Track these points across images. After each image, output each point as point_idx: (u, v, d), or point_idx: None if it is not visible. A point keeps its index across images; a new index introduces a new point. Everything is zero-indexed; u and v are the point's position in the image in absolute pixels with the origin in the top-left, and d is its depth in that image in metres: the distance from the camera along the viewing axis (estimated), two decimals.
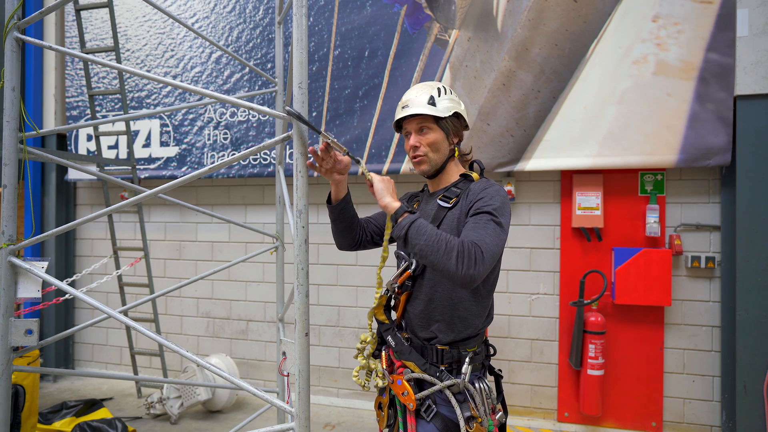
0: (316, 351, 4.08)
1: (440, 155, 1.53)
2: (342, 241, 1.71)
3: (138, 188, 2.64)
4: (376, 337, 1.58)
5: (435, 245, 1.27)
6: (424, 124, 1.50)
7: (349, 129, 3.86)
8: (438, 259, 1.27)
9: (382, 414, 1.58)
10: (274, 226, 3.73)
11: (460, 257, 1.24)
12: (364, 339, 1.56)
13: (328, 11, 3.91)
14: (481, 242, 1.28)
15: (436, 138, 1.50)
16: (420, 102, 1.50)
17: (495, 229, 1.33)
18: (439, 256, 1.26)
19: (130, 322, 1.76)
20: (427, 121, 1.50)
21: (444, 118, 1.50)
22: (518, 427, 3.52)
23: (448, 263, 1.25)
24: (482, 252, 1.26)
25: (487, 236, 1.30)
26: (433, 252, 1.27)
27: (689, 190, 3.37)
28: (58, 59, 4.66)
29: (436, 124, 1.50)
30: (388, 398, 1.56)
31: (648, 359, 3.38)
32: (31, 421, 2.87)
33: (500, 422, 1.49)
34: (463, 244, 1.26)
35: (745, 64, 3.08)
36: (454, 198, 1.48)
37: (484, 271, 1.26)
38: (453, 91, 1.56)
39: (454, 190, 1.50)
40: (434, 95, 1.50)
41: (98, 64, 1.82)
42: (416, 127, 1.52)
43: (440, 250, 1.26)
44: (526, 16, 3.44)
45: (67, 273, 4.65)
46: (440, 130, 1.51)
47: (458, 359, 1.45)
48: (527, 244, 3.66)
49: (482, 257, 1.25)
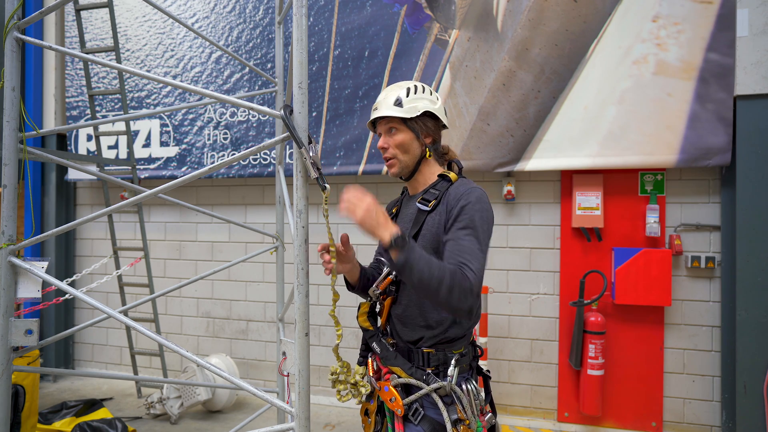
0: (316, 351, 4.08)
1: (410, 156, 1.50)
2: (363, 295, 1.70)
3: (138, 188, 2.64)
4: (347, 364, 1.55)
5: (426, 283, 1.26)
6: (392, 125, 1.50)
7: (349, 129, 3.86)
8: (431, 297, 1.28)
9: (369, 420, 1.57)
10: (274, 226, 3.73)
11: (451, 294, 1.25)
12: (334, 371, 1.53)
13: (328, 11, 3.91)
14: (468, 270, 1.28)
15: (403, 139, 1.48)
16: (387, 104, 1.49)
17: (480, 248, 1.33)
18: (431, 294, 1.27)
19: (130, 322, 1.76)
20: (394, 122, 1.49)
21: (412, 119, 1.48)
22: (518, 427, 3.52)
23: (439, 299, 1.26)
24: (471, 283, 1.26)
25: (474, 259, 1.30)
26: (424, 290, 1.28)
27: (689, 190, 3.37)
28: (58, 59, 4.66)
29: (404, 125, 1.48)
30: (375, 404, 1.55)
31: (648, 359, 3.38)
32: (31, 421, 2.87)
33: (490, 424, 1.48)
34: (453, 279, 1.25)
35: (745, 64, 3.08)
36: (433, 201, 1.46)
37: (475, 301, 1.28)
38: (425, 90, 1.52)
39: (433, 192, 1.48)
40: (401, 96, 1.48)
41: (98, 64, 1.82)
42: (385, 129, 1.51)
43: (432, 288, 1.26)
44: (526, 16, 3.44)
45: (67, 273, 4.65)
46: (409, 131, 1.48)
47: (444, 361, 1.44)
48: (527, 244, 3.66)
49: (470, 288, 1.26)
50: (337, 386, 1.53)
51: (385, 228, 1.30)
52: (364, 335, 1.59)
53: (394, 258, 1.27)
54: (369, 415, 1.58)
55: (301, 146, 1.46)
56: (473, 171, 3.59)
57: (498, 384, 3.67)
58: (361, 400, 1.55)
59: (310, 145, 1.48)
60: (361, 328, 1.59)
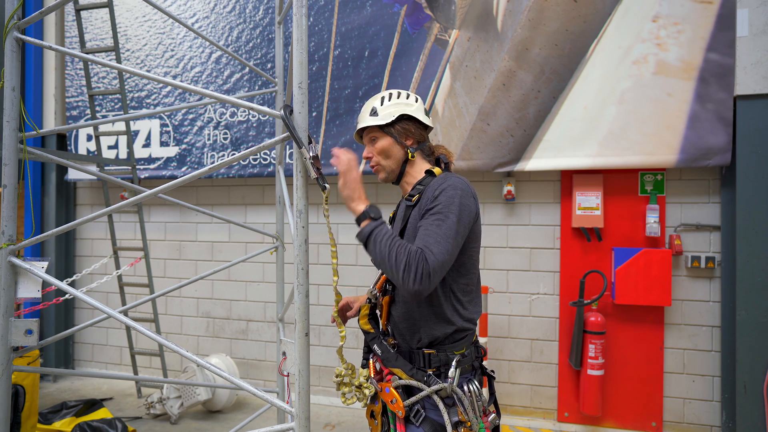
0: (316, 351, 4.08)
1: (393, 161, 1.55)
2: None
3: (138, 188, 2.64)
4: (352, 366, 1.56)
5: (386, 257, 1.31)
6: (372, 134, 1.57)
7: (349, 129, 3.86)
8: (387, 272, 1.33)
9: (376, 422, 1.57)
10: (274, 226, 3.73)
11: (407, 272, 1.28)
12: (338, 373, 1.54)
13: (328, 11, 3.91)
14: (429, 253, 1.29)
15: (383, 145, 1.54)
16: (364, 116, 1.57)
17: (446, 233, 1.33)
18: (388, 269, 1.32)
19: (130, 322, 1.76)
20: (373, 131, 1.56)
21: (388, 125, 1.53)
22: (518, 427, 3.52)
23: (396, 277, 1.30)
24: (429, 265, 1.28)
25: (437, 244, 1.31)
26: (383, 264, 1.34)
27: (689, 190, 3.37)
28: (58, 59, 4.66)
29: (382, 132, 1.54)
30: (380, 406, 1.54)
31: (648, 359, 3.38)
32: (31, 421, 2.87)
33: (493, 424, 1.48)
34: (410, 258, 1.28)
35: (745, 64, 3.08)
36: (416, 195, 1.49)
37: (430, 285, 1.29)
38: (406, 95, 1.57)
39: (418, 188, 1.51)
40: (376, 106, 1.55)
41: (98, 64, 1.82)
42: (367, 140, 1.59)
43: (390, 263, 1.30)
44: (526, 16, 3.44)
45: (67, 273, 4.65)
46: (387, 136, 1.54)
47: (446, 362, 1.44)
48: (527, 244, 3.66)
49: (428, 271, 1.27)
50: (341, 389, 1.54)
51: (360, 201, 1.43)
52: (365, 338, 1.59)
53: (361, 227, 1.38)
54: (375, 416, 1.57)
55: (301, 146, 1.46)
56: (473, 171, 3.59)
57: (498, 384, 3.67)
58: (366, 403, 1.55)
59: (310, 145, 1.48)
60: (363, 330, 1.58)
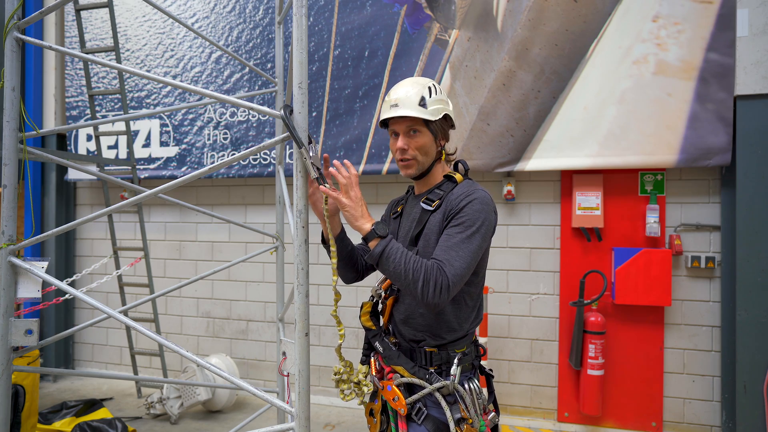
0: (316, 351, 4.07)
1: (428, 158, 1.48)
2: (346, 276, 1.68)
3: (138, 188, 2.64)
4: (350, 363, 1.56)
5: (401, 274, 1.31)
6: (415, 127, 1.44)
7: (349, 129, 3.86)
8: (404, 287, 1.34)
9: (374, 420, 1.57)
10: (274, 226, 3.72)
11: (425, 286, 1.28)
12: (337, 371, 1.55)
13: (328, 11, 3.91)
14: (448, 266, 1.30)
15: (425, 141, 1.45)
16: (411, 103, 1.42)
17: (467, 247, 1.34)
18: (404, 285, 1.33)
19: (130, 322, 1.76)
20: (417, 123, 1.43)
21: (434, 121, 1.44)
22: (518, 427, 3.52)
23: (414, 291, 1.31)
24: (448, 279, 1.29)
25: (457, 258, 1.32)
26: (398, 280, 1.33)
27: (689, 190, 3.37)
28: (58, 59, 4.66)
29: (426, 127, 1.44)
30: (380, 404, 1.55)
31: (648, 359, 3.38)
32: (31, 421, 2.87)
33: (493, 423, 1.48)
34: (428, 273, 1.29)
35: (745, 64, 3.08)
36: (436, 201, 1.46)
37: (448, 298, 1.30)
38: (441, 90, 1.49)
39: (438, 192, 1.48)
40: (425, 96, 1.42)
41: (98, 64, 1.82)
42: (405, 129, 1.45)
43: (407, 280, 1.31)
44: (526, 16, 3.44)
45: (67, 273, 4.64)
46: (429, 133, 1.45)
47: (447, 360, 1.44)
48: (527, 244, 3.66)
49: (447, 285, 1.29)
50: (340, 386, 1.55)
51: (366, 219, 1.38)
52: (366, 334, 1.59)
53: (372, 248, 1.34)
54: (374, 415, 1.58)
55: (301, 146, 1.46)
56: (473, 171, 3.59)
57: (498, 384, 3.66)
58: (363, 400, 1.55)
59: (310, 145, 1.48)
60: (364, 327, 1.58)
